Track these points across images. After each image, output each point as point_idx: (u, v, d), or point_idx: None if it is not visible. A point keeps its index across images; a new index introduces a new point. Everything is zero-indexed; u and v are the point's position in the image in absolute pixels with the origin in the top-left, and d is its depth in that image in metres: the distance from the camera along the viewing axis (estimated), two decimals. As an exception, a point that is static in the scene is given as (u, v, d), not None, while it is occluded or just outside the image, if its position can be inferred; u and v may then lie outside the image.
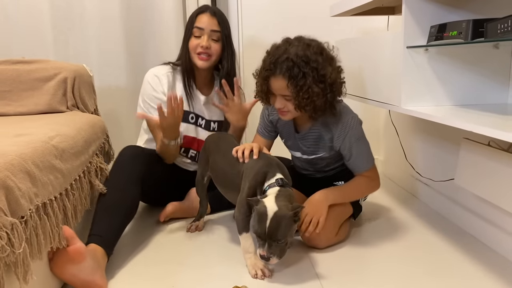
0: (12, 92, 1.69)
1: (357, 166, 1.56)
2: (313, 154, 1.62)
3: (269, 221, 1.23)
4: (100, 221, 1.41)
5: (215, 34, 1.77)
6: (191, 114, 1.85)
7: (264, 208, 1.25)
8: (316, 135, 1.57)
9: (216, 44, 1.78)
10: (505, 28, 0.91)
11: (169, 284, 1.32)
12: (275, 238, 1.24)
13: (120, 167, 1.57)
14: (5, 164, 0.96)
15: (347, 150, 1.53)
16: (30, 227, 0.99)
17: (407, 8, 1.33)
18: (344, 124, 1.51)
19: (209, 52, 1.77)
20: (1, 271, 0.86)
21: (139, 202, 1.59)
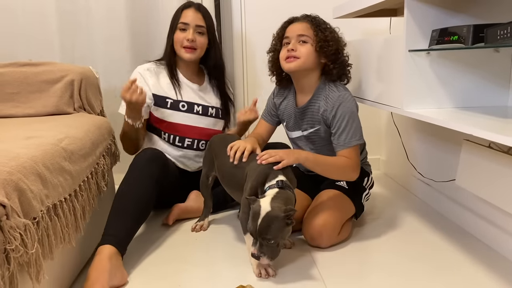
0: (20, 94, 1.72)
1: (340, 140, 1.53)
2: (311, 128, 1.65)
3: (260, 220, 1.26)
4: (115, 221, 1.44)
5: (200, 28, 1.85)
6: (181, 102, 1.89)
7: (258, 208, 1.28)
8: (315, 107, 1.62)
9: (202, 37, 1.86)
10: (504, 34, 0.93)
11: (176, 283, 1.35)
12: (264, 237, 1.26)
13: (137, 169, 1.59)
14: (17, 166, 0.99)
15: (336, 121, 1.54)
16: (42, 228, 1.02)
17: (409, 12, 1.35)
18: (341, 97, 1.56)
19: (194, 46, 1.84)
20: (15, 270, 0.89)
21: (153, 204, 1.61)
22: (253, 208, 1.30)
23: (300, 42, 1.56)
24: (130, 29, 2.23)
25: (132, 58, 2.26)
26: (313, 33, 1.56)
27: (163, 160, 1.71)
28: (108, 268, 1.28)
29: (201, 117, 1.92)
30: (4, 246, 0.87)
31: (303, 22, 1.58)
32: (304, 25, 1.58)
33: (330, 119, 1.56)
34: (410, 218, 1.83)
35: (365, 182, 1.70)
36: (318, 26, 1.56)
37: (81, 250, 1.38)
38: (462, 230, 1.68)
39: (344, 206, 1.59)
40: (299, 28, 1.57)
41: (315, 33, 1.55)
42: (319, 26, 1.56)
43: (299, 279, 1.36)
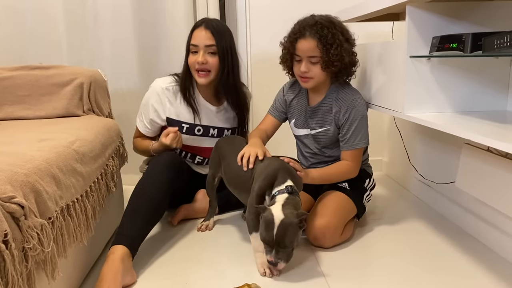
0: (31, 96, 1.77)
1: (349, 142, 1.64)
2: (320, 127, 1.70)
3: (276, 229, 1.29)
4: (129, 222, 1.47)
5: (211, 48, 1.74)
6: (197, 127, 1.88)
7: (271, 216, 1.31)
8: (327, 108, 1.68)
9: (213, 57, 1.75)
10: (501, 44, 0.97)
11: (183, 281, 1.39)
12: (282, 245, 1.30)
13: (154, 173, 1.62)
14: (33, 169, 1.03)
15: (348, 123, 1.63)
16: (56, 227, 1.06)
17: (411, 19, 1.39)
18: (354, 101, 1.63)
19: (207, 68, 1.76)
20: (33, 268, 0.93)
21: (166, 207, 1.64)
22: (265, 217, 1.32)
23: (311, 63, 1.59)
24: (136, 31, 2.28)
25: (139, 60, 2.31)
26: (319, 53, 1.57)
27: (180, 165, 1.73)
28: (121, 269, 1.32)
29: (216, 139, 1.89)
30: (22, 244, 0.91)
31: (312, 40, 1.56)
32: (313, 44, 1.56)
33: (343, 121, 1.64)
34: (411, 218, 1.86)
35: (366, 183, 1.74)
36: (326, 45, 1.55)
37: (91, 249, 1.42)
38: (462, 231, 1.71)
39: (346, 207, 1.63)
40: (308, 48, 1.57)
41: (321, 54, 1.56)
42: (326, 45, 1.55)
43: (302, 277, 1.40)
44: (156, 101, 1.84)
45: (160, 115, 1.85)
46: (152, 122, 1.88)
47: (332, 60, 1.56)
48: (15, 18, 2.20)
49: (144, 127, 1.91)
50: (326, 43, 1.55)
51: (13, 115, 1.75)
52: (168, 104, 1.85)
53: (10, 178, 0.94)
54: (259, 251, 1.45)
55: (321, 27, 1.56)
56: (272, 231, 1.30)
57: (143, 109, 1.90)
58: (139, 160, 2.26)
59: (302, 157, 1.86)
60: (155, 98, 1.84)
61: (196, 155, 1.94)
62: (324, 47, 1.55)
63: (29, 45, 2.23)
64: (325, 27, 1.56)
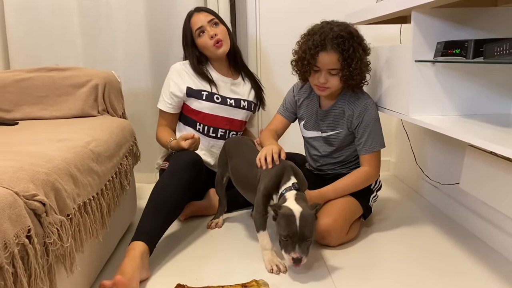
0: (48, 97, 1.83)
1: (366, 145, 1.68)
2: (332, 130, 1.74)
3: (298, 221, 1.34)
4: (149, 219, 1.53)
5: (213, 21, 1.97)
6: (215, 95, 2.01)
7: (290, 211, 1.35)
8: (339, 111, 1.71)
9: (219, 27, 1.98)
10: (500, 51, 1.01)
11: (193, 276, 1.44)
12: (306, 237, 1.34)
13: (175, 173, 1.67)
14: (53, 168, 1.09)
15: (362, 127, 1.67)
16: (74, 224, 1.12)
17: (416, 24, 1.42)
18: (366, 105, 1.67)
19: (219, 38, 1.95)
20: (53, 262, 0.99)
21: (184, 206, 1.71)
22: (284, 212, 1.36)
23: (330, 74, 1.61)
24: (149, 33, 2.33)
25: (151, 61, 2.36)
26: (340, 66, 1.58)
27: (200, 165, 1.78)
28: (140, 266, 1.37)
29: (234, 109, 2.04)
30: (43, 239, 0.97)
31: (334, 54, 1.57)
32: (334, 57, 1.57)
33: (356, 125, 1.67)
34: (417, 219, 1.90)
35: (372, 185, 1.78)
36: (346, 59, 1.56)
37: (106, 244, 1.48)
38: (468, 232, 1.75)
39: (352, 207, 1.67)
40: (329, 62, 1.59)
41: (342, 67, 1.58)
42: (347, 59, 1.56)
43: (308, 275, 1.44)
44: (175, 76, 2.01)
45: (180, 87, 1.99)
46: (172, 95, 2.00)
47: (353, 74, 1.59)
48: (31, 20, 2.27)
49: (165, 103, 2.02)
50: (348, 57, 1.56)
51: (31, 115, 1.82)
52: (187, 76, 2.01)
53: (32, 177, 1.00)
54: (267, 249, 1.50)
55: (343, 41, 1.56)
56: (295, 224, 1.33)
57: (163, 88, 2.05)
58: (151, 158, 2.33)
59: (310, 159, 1.89)
60: (174, 74, 2.02)
61: (218, 128, 2.02)
62: (345, 61, 1.57)
63: (45, 46, 2.30)
64: (346, 40, 1.56)
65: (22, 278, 0.87)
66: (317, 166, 1.85)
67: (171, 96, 2.00)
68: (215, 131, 2.02)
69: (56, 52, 2.31)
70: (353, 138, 1.72)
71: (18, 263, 0.86)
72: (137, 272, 1.35)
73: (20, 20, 2.26)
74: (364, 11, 1.82)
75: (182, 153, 1.80)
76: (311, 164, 1.90)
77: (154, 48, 2.36)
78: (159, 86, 2.34)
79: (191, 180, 1.69)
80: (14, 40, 2.27)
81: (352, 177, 1.70)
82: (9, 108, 1.82)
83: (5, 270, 0.82)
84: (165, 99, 2.02)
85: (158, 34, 2.36)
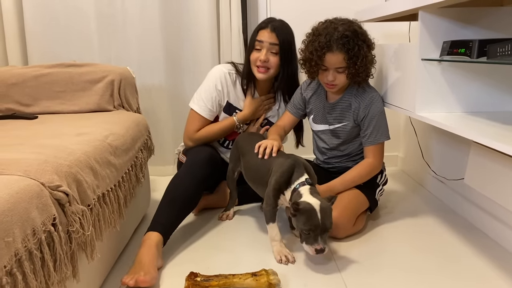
0: (66, 92, 1.90)
1: (371, 137, 1.74)
2: (338, 123, 1.80)
3: (320, 214, 1.39)
4: (165, 211, 1.59)
5: (274, 48, 1.83)
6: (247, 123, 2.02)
7: (309, 205, 1.40)
8: (346, 104, 1.78)
9: (275, 57, 1.85)
10: (503, 52, 1.05)
11: (205, 265, 1.51)
12: (327, 228, 1.40)
13: (193, 167, 1.74)
14: (75, 161, 1.16)
15: (368, 119, 1.73)
16: (94, 214, 1.19)
17: (423, 23, 1.46)
18: (372, 98, 1.73)
19: (267, 65, 1.85)
20: (75, 249, 1.06)
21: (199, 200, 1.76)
22: (304, 207, 1.40)
23: (337, 72, 1.67)
24: (162, 31, 2.39)
25: (164, 57, 2.42)
26: (346, 64, 1.64)
27: (216, 162, 1.84)
28: (156, 255, 1.44)
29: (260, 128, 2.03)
30: (67, 228, 1.04)
31: (340, 54, 1.62)
32: (340, 57, 1.63)
33: (362, 117, 1.74)
34: (423, 213, 1.94)
35: (378, 179, 1.83)
36: (352, 58, 1.62)
37: (122, 234, 1.55)
38: (471, 225, 1.79)
39: (358, 200, 1.72)
40: (336, 62, 1.64)
41: (348, 66, 1.64)
42: (353, 58, 1.62)
43: (316, 265, 1.50)
44: (220, 84, 1.93)
45: (223, 98, 1.95)
46: (218, 104, 1.94)
47: (359, 72, 1.65)
48: (49, 17, 2.34)
49: (206, 108, 1.93)
50: (353, 55, 1.62)
51: (49, 109, 1.89)
52: (230, 88, 1.95)
53: (56, 169, 1.06)
54: (276, 240, 1.56)
55: (347, 41, 1.61)
56: (317, 217, 1.39)
57: (204, 94, 1.94)
58: (164, 152, 2.40)
59: (318, 152, 1.95)
60: (219, 81, 1.93)
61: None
62: (350, 59, 1.63)
63: (62, 42, 2.37)
64: (351, 40, 1.61)
65: (49, 263, 0.93)
66: (324, 159, 1.91)
67: (214, 103, 1.93)
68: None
69: (73, 49, 2.38)
70: (359, 130, 1.78)
71: (45, 248, 0.93)
72: (154, 261, 1.42)
73: (37, 17, 2.33)
74: (373, 9, 1.86)
75: (200, 149, 1.86)
76: (318, 157, 1.96)
77: (167, 45, 2.42)
78: (172, 82, 2.42)
79: (207, 177, 1.77)
80: (32, 37, 2.34)
81: (358, 169, 1.76)
82: (29, 102, 1.89)
83: (34, 255, 0.89)
84: (206, 104, 1.93)
85: (171, 32, 2.41)
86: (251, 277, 1.35)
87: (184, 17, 2.40)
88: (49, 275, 0.93)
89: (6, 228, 0.81)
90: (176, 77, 2.20)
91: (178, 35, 2.42)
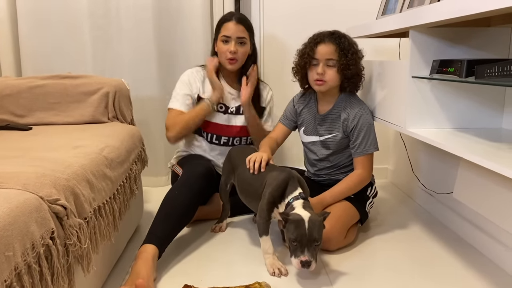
0: (61, 103, 1.91)
1: (360, 147, 1.78)
2: (328, 134, 1.85)
3: (307, 224, 1.41)
4: (161, 224, 1.61)
5: (242, 39, 2.00)
6: (219, 104, 2.08)
7: (299, 216, 1.44)
8: (335, 116, 1.83)
9: (243, 47, 2.02)
10: (490, 73, 1.09)
11: (198, 278, 1.52)
12: (314, 239, 1.41)
13: (189, 182, 1.77)
14: (72, 174, 1.17)
15: (357, 130, 1.78)
16: (91, 226, 1.20)
17: (413, 42, 1.51)
18: (361, 109, 1.79)
19: (236, 57, 2.00)
20: (72, 261, 1.07)
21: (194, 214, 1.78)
22: (294, 218, 1.44)
23: (327, 66, 1.75)
24: (156, 43, 2.41)
25: (158, 69, 2.44)
26: (338, 56, 1.74)
27: (212, 176, 1.89)
28: (153, 268, 1.46)
29: (235, 116, 2.10)
30: (64, 241, 1.05)
31: (331, 44, 1.74)
32: (332, 47, 1.74)
33: (351, 128, 1.78)
34: (413, 225, 1.98)
35: (368, 191, 1.87)
36: (343, 50, 1.73)
37: (116, 246, 1.56)
38: (460, 238, 1.83)
39: (349, 212, 1.75)
40: (327, 52, 1.75)
41: (339, 57, 1.73)
42: (344, 50, 1.73)
43: (308, 278, 1.52)
44: (188, 80, 2.07)
45: (192, 91, 2.06)
46: (187, 96, 2.05)
47: (349, 64, 1.72)
48: (43, 30, 2.36)
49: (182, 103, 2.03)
50: (344, 48, 1.74)
51: (44, 120, 1.89)
52: (198, 82, 2.08)
53: (54, 183, 1.08)
54: (269, 253, 1.58)
55: (338, 36, 1.77)
56: (304, 227, 1.41)
57: (175, 92, 2.07)
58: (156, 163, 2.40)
59: (308, 164, 1.99)
60: (187, 78, 2.08)
61: (221, 136, 2.09)
62: (341, 51, 1.73)
63: (56, 55, 2.38)
64: (342, 37, 1.77)
65: (47, 276, 0.94)
66: (315, 171, 1.94)
67: (186, 96, 2.05)
68: (218, 138, 2.09)
69: (67, 61, 2.40)
70: (348, 142, 1.83)
71: (43, 262, 0.94)
72: (151, 274, 1.43)
73: (32, 30, 2.34)
74: (364, 26, 1.91)
75: (197, 163, 1.89)
76: (309, 169, 1.99)
77: (161, 57, 2.44)
78: (165, 93, 2.43)
79: (203, 191, 1.80)
80: (27, 49, 2.35)
81: (347, 181, 1.79)
82: (23, 113, 1.89)
83: (32, 268, 0.90)
84: (180, 100, 2.04)
85: (165, 44, 2.44)
86: (244, 289, 1.37)
87: (179, 31, 2.43)
88: (47, 288, 0.94)
89: (6, 243, 0.82)
90: (169, 89, 2.21)
91: (172, 48, 2.45)
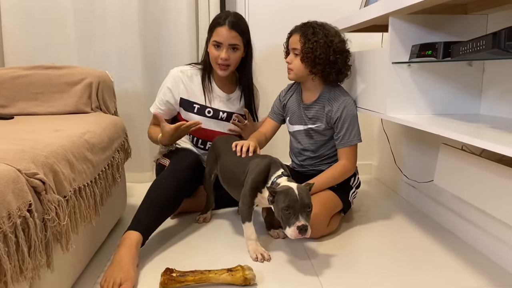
0: (44, 94, 1.90)
1: (344, 139, 1.79)
2: (312, 124, 1.86)
3: (297, 191, 1.41)
4: (147, 211, 1.59)
5: (234, 46, 1.91)
6: (207, 108, 2.02)
7: (287, 187, 1.43)
8: (319, 106, 1.84)
9: (235, 53, 1.93)
10: (464, 50, 1.11)
11: (181, 263, 1.51)
12: (306, 204, 1.39)
13: (177, 171, 1.76)
14: (52, 152, 1.16)
15: (341, 122, 1.79)
16: (70, 205, 1.19)
17: (393, 29, 1.54)
18: (345, 101, 1.81)
19: (228, 63, 1.93)
20: (50, 238, 1.06)
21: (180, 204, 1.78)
22: (282, 188, 1.43)
23: (294, 54, 1.78)
24: (141, 38, 2.42)
25: (142, 65, 2.44)
26: (300, 46, 1.75)
27: (200, 168, 1.89)
28: (135, 254, 1.44)
29: (224, 122, 2.05)
30: (43, 216, 1.04)
31: (297, 34, 1.78)
32: (297, 37, 1.77)
33: (335, 119, 1.80)
34: (395, 216, 1.99)
35: (352, 181, 1.88)
36: (306, 37, 1.74)
37: (98, 232, 1.54)
38: (441, 227, 1.85)
39: (332, 201, 1.76)
40: (293, 41, 1.80)
41: (301, 45, 1.75)
42: (307, 37, 1.74)
43: (291, 263, 1.52)
44: (171, 83, 2.01)
45: (174, 95, 2.01)
46: (166, 103, 2.02)
47: (307, 52, 1.73)
48: (27, 21, 2.34)
49: (157, 108, 2.05)
50: (306, 38, 1.74)
51: (26, 110, 1.88)
52: (182, 85, 2.01)
53: (33, 158, 1.07)
54: (251, 239, 1.58)
55: (307, 26, 1.77)
56: (295, 193, 1.40)
57: (158, 93, 2.06)
58: (141, 159, 2.40)
59: (293, 154, 2.00)
60: (170, 81, 2.02)
61: (207, 141, 2.06)
62: (304, 38, 1.75)
63: (40, 47, 2.37)
64: (311, 27, 1.76)
65: (23, 248, 0.93)
66: (299, 160, 1.95)
67: (165, 103, 2.03)
68: (203, 143, 2.07)
69: (51, 54, 2.39)
70: (332, 132, 1.84)
71: (20, 233, 0.93)
72: (133, 260, 1.42)
73: (15, 21, 2.33)
74: (349, 17, 1.93)
75: (186, 154, 1.90)
76: (293, 160, 2.00)
77: (146, 53, 2.44)
78: (150, 90, 2.43)
79: (191, 181, 1.80)
80: (10, 41, 2.34)
81: (332, 171, 1.80)
82: (5, 103, 1.88)
83: (8, 238, 0.89)
84: (157, 104, 2.05)
85: (150, 41, 2.44)
86: (226, 272, 1.37)
87: (164, 27, 2.44)
88: (23, 260, 0.93)
89: (-19, 208, 0.82)
90: (154, 85, 2.22)
91: (157, 44, 2.46)
